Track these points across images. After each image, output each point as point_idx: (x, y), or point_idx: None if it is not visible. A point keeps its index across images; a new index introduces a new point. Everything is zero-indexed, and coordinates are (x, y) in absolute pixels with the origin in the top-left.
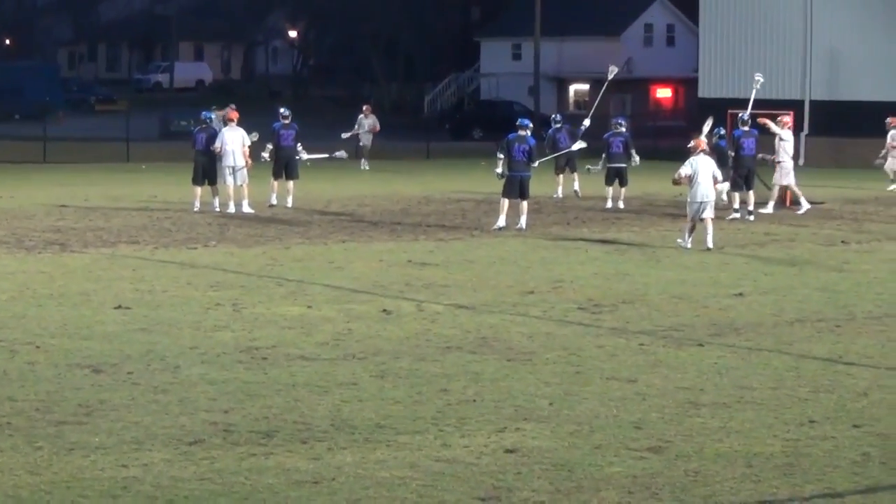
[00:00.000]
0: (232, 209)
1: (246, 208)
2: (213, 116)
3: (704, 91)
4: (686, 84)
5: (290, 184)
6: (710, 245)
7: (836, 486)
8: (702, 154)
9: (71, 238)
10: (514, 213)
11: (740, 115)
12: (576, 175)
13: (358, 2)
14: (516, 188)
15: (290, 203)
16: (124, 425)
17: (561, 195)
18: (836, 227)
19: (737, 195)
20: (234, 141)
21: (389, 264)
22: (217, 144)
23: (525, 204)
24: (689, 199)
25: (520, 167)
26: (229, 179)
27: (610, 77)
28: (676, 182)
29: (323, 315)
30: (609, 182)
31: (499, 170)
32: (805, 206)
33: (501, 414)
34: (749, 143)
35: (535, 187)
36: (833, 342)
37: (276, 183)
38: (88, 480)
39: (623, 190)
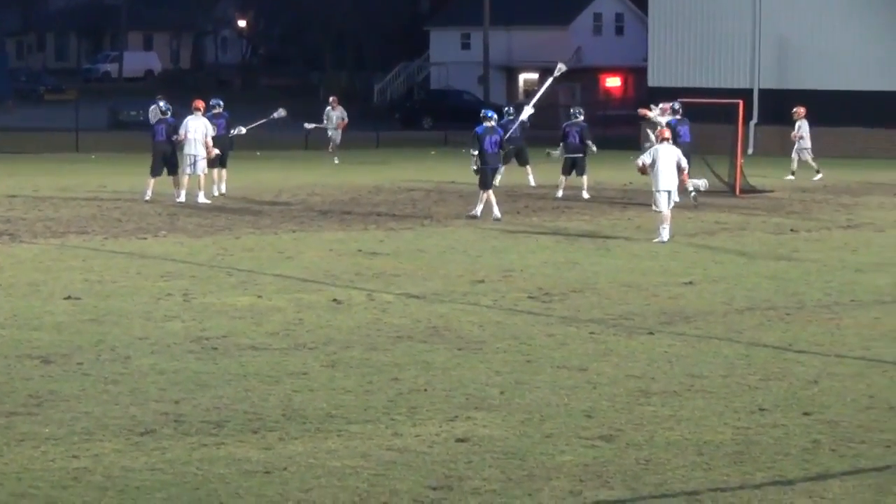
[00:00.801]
0: (182, 198)
1: (201, 198)
2: (169, 108)
3: (654, 80)
4: (635, 73)
5: (224, 171)
6: (666, 238)
7: (787, 474)
8: (665, 143)
9: (20, 228)
10: (476, 203)
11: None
12: (528, 168)
13: None
14: (490, 179)
15: (224, 189)
16: (75, 416)
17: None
18: (785, 215)
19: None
20: (196, 130)
21: (339, 254)
22: (181, 133)
23: (490, 194)
24: (654, 189)
25: (493, 159)
26: (188, 168)
27: (556, 74)
28: (642, 171)
29: (273, 305)
30: (565, 172)
31: (474, 166)
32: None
33: (452, 403)
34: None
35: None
36: (783, 330)
37: (213, 172)
38: (39, 471)
39: (584, 179)
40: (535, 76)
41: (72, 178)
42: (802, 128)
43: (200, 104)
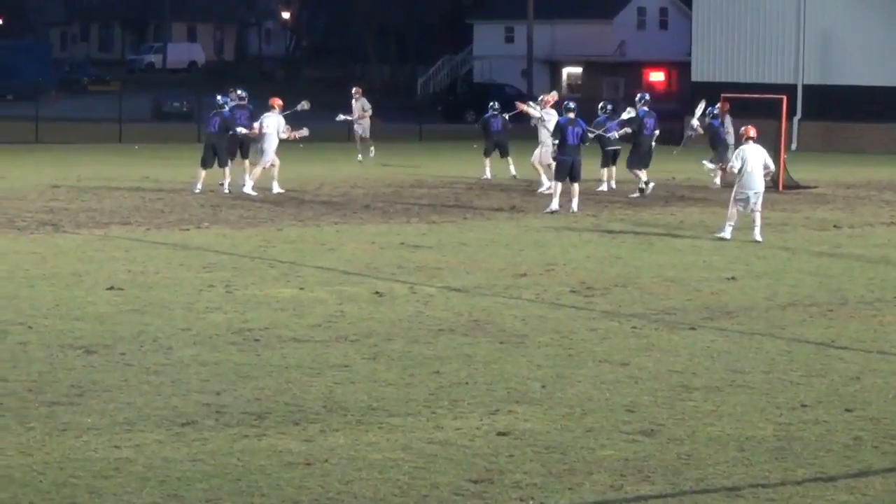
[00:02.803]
0: (226, 189)
1: (247, 189)
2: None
3: (697, 74)
4: (679, 67)
5: (246, 163)
6: (760, 238)
7: (828, 470)
8: (751, 143)
9: (63, 219)
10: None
11: (638, 95)
12: (510, 159)
13: None
14: (566, 171)
15: (249, 182)
16: (116, 406)
17: (489, 176)
18: (828, 211)
19: (639, 172)
20: (270, 125)
21: (382, 246)
22: (255, 126)
23: (576, 186)
24: (736, 190)
25: (571, 150)
26: (256, 158)
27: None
28: (724, 170)
29: (315, 297)
30: (605, 164)
31: (553, 154)
32: (546, 184)
33: (494, 396)
34: (651, 123)
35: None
36: (825, 326)
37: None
38: (81, 461)
39: (613, 170)
40: (578, 70)
41: (115, 168)
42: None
43: (278, 102)
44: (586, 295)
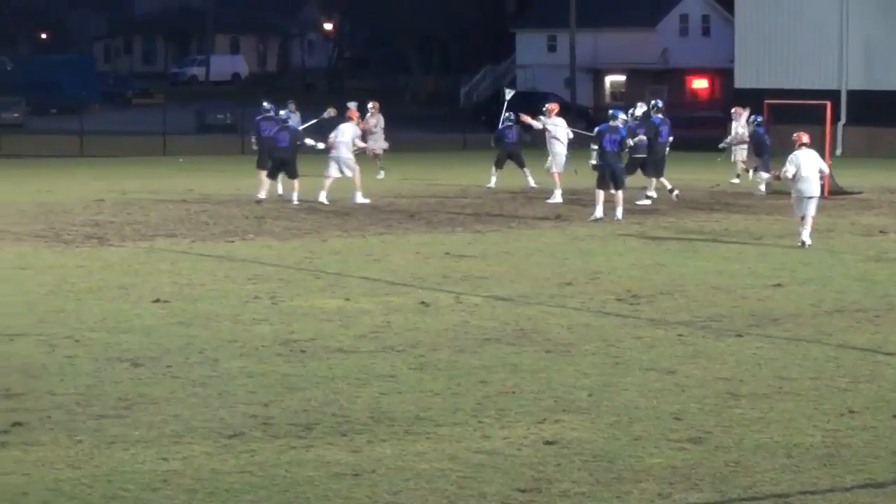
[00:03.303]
0: (296, 200)
1: (359, 199)
2: (290, 113)
3: (741, 81)
4: (722, 74)
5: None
6: (809, 241)
7: (877, 477)
8: (804, 148)
9: (109, 232)
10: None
11: (652, 102)
12: (526, 170)
13: None
14: (608, 178)
15: (282, 191)
16: (164, 418)
17: (493, 185)
18: (874, 216)
19: (653, 181)
20: (345, 133)
21: (427, 256)
22: (331, 137)
23: (620, 194)
24: (794, 196)
25: (610, 157)
26: (333, 170)
27: (508, 97)
28: (777, 178)
29: (361, 307)
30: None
31: (593, 161)
32: (558, 198)
33: (541, 405)
34: (665, 131)
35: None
36: (872, 332)
37: (262, 173)
38: (129, 474)
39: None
40: (622, 78)
41: (159, 181)
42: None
43: (354, 114)
44: (632, 303)
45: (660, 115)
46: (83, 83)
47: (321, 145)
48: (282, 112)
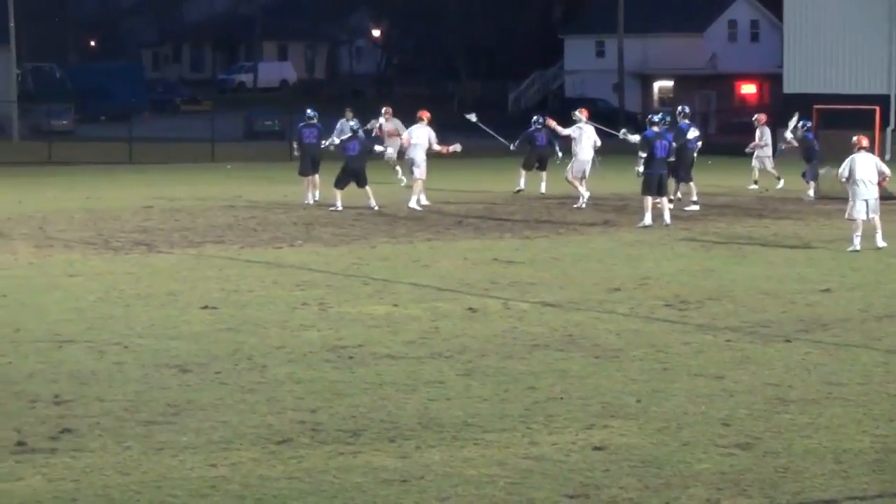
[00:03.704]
0: (375, 206)
1: (412, 203)
2: (357, 124)
3: (789, 86)
4: (771, 79)
5: (316, 178)
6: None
7: None
8: (862, 152)
9: (157, 238)
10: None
11: (679, 108)
12: (544, 175)
13: (441, 0)
14: (656, 185)
15: (317, 197)
16: (212, 425)
17: (522, 187)
18: None
19: (693, 185)
20: (420, 136)
21: (475, 262)
22: (405, 137)
23: (665, 200)
24: (851, 201)
25: (660, 164)
26: (417, 172)
27: (472, 119)
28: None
29: (409, 314)
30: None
31: (640, 168)
32: (584, 201)
33: (589, 411)
34: (693, 137)
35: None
36: None
37: (306, 180)
38: (177, 480)
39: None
40: (670, 83)
41: (208, 187)
42: (764, 135)
43: (426, 114)
44: (680, 308)
45: (686, 121)
46: (132, 90)
47: (391, 150)
48: (352, 122)
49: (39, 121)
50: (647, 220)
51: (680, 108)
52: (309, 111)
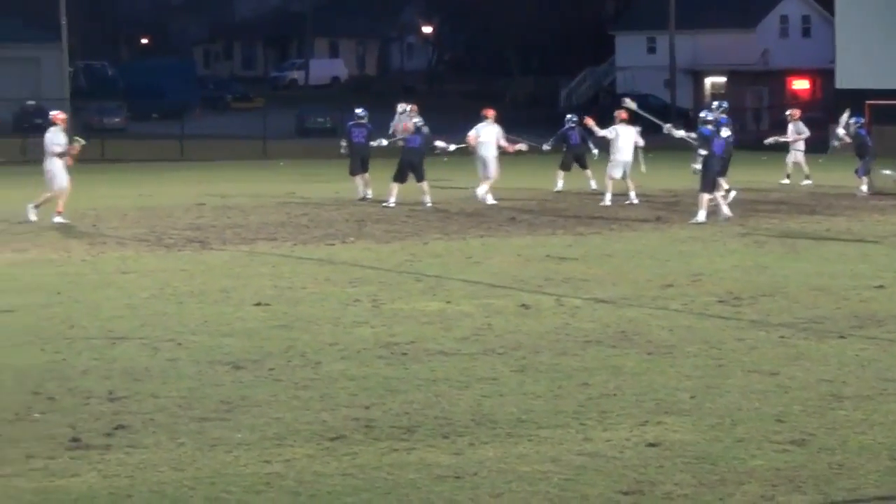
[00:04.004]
0: (429, 203)
1: (489, 200)
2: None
3: (841, 82)
4: (823, 75)
5: (367, 176)
6: None
7: None
8: None
9: (210, 235)
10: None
11: (715, 103)
12: (588, 172)
13: None
14: (712, 182)
15: (370, 194)
16: (266, 421)
17: (560, 188)
18: None
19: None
20: (489, 134)
21: (528, 259)
22: (472, 135)
23: (719, 196)
24: None
25: (718, 162)
26: (481, 169)
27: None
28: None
29: (462, 310)
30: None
31: (697, 165)
32: (607, 201)
33: (643, 407)
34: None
35: (540, 181)
36: None
37: (356, 178)
38: (231, 476)
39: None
40: (722, 79)
41: (260, 185)
42: (799, 130)
43: (491, 112)
44: (734, 305)
45: (724, 116)
46: (184, 88)
47: (452, 147)
48: (416, 119)
49: (91, 118)
50: (702, 216)
51: (717, 103)
52: (359, 110)
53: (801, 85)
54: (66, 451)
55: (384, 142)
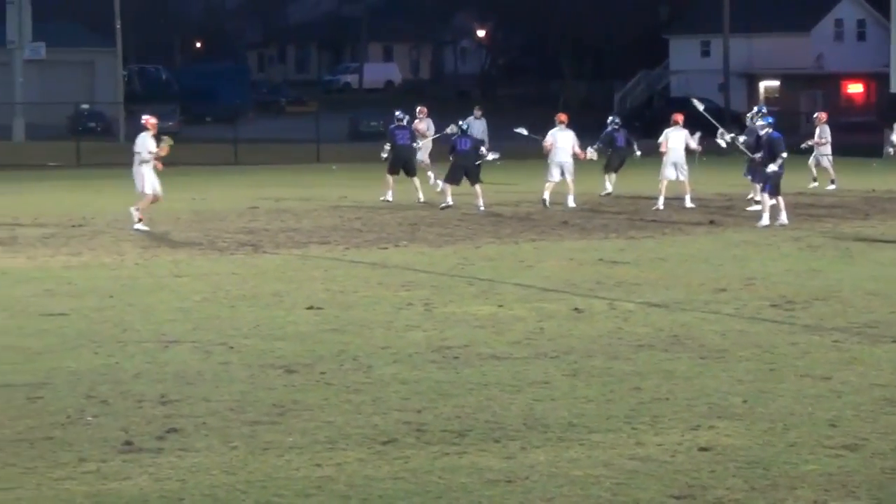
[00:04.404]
0: (482, 207)
1: (570, 202)
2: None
3: None
4: (877, 79)
5: (416, 181)
6: None
7: None
8: None
9: (263, 239)
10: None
11: (756, 108)
12: (614, 176)
13: (546, 0)
14: (778, 186)
15: (423, 198)
16: (318, 425)
17: (610, 190)
18: None
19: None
20: (565, 139)
21: (580, 263)
22: (548, 140)
23: (781, 199)
24: None
25: (783, 166)
26: (556, 174)
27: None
28: None
29: (514, 314)
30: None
31: (775, 167)
32: (660, 204)
33: (695, 412)
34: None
35: (586, 185)
36: None
37: (390, 178)
38: (283, 480)
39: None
40: (776, 83)
41: (313, 188)
42: (824, 134)
43: (562, 118)
44: (787, 309)
45: (770, 118)
46: (238, 92)
47: (492, 156)
48: (473, 116)
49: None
50: (766, 220)
51: (756, 107)
52: (398, 113)
53: (855, 89)
54: (118, 455)
55: (420, 143)
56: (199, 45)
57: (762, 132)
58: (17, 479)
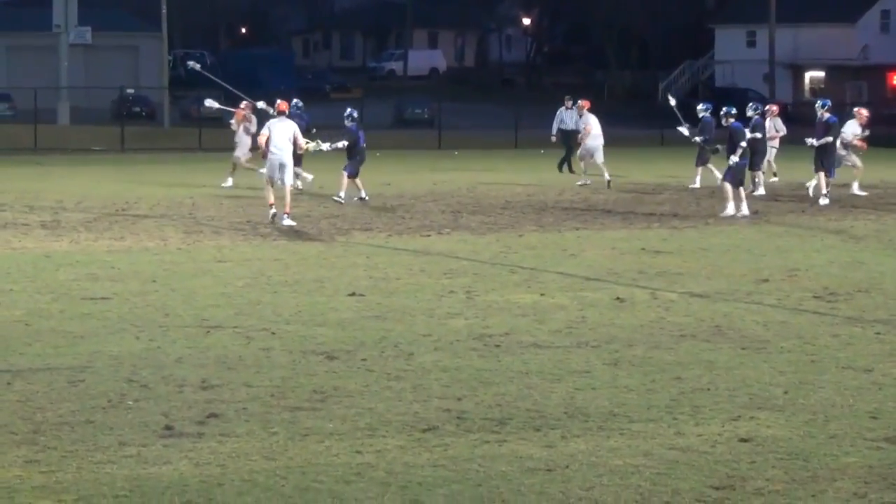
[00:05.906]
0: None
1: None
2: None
3: None
4: None
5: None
6: None
7: None
8: None
9: (306, 225)
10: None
11: (820, 101)
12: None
13: None
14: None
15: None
16: (358, 412)
17: (698, 185)
18: None
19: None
20: (596, 125)
21: (622, 252)
22: (588, 126)
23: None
24: None
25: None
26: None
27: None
28: None
29: (556, 303)
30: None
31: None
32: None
33: (735, 402)
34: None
35: (635, 174)
36: None
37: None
38: (323, 466)
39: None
40: (821, 74)
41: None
42: (777, 126)
43: (586, 103)
44: (829, 300)
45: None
46: (282, 78)
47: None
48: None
49: (190, 108)
50: (730, 209)
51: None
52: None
53: None
54: (158, 439)
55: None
56: (243, 30)
57: (724, 122)
58: (57, 463)
